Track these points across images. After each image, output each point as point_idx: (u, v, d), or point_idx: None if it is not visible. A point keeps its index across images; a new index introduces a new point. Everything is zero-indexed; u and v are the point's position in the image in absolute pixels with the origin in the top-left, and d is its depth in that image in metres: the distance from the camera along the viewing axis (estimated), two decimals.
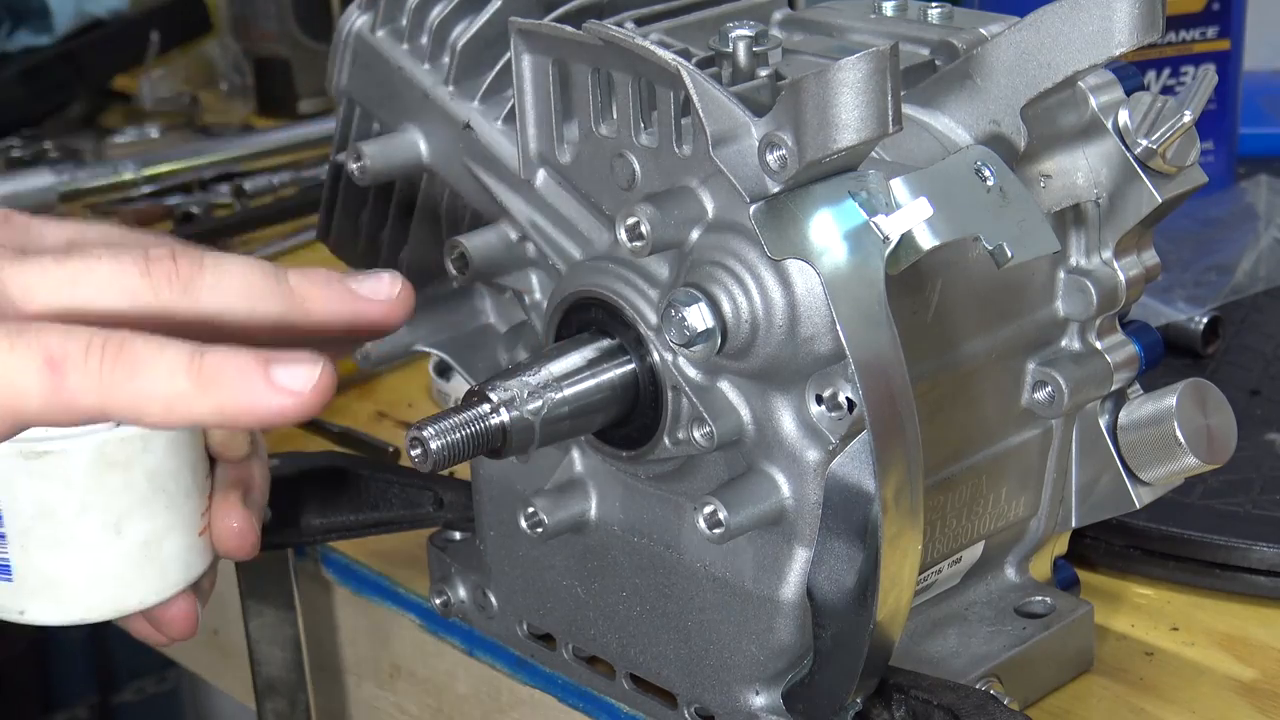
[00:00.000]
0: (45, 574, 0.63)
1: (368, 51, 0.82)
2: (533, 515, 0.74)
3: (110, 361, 0.55)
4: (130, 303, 0.58)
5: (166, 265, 0.58)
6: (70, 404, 0.55)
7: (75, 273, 0.57)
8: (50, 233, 0.62)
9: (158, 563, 0.65)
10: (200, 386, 0.56)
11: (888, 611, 0.64)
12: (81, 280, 0.57)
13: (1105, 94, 0.73)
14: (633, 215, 0.65)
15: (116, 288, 0.58)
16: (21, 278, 0.57)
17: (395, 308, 0.62)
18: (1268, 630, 0.81)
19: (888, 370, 0.62)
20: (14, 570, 0.63)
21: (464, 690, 0.86)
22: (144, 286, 0.58)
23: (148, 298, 0.58)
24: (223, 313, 0.59)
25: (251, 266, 0.60)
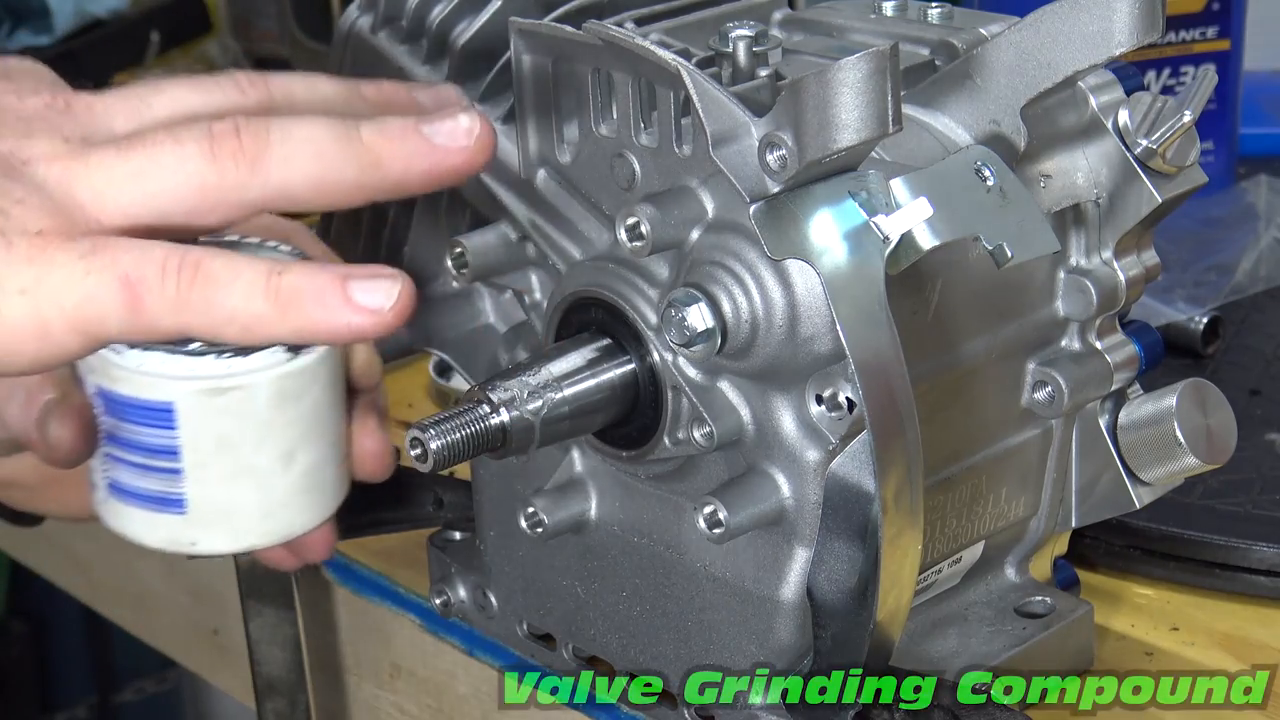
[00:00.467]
0: (220, 506, 0.63)
1: (368, 51, 0.82)
2: (533, 515, 0.74)
3: (186, 283, 0.55)
4: (198, 189, 0.56)
5: (231, 143, 0.56)
6: (149, 326, 0.55)
7: (140, 166, 0.56)
8: (114, 112, 0.59)
9: (319, 489, 0.66)
10: (278, 308, 0.55)
11: (888, 611, 0.64)
12: (147, 173, 0.56)
13: (1105, 94, 0.73)
14: (633, 215, 0.65)
15: (182, 176, 0.56)
16: (88, 178, 0.56)
17: (476, 153, 0.59)
18: (1268, 630, 0.81)
19: (888, 370, 0.62)
20: (188, 503, 0.63)
21: (464, 690, 0.86)
22: (210, 170, 0.56)
23: (215, 180, 0.56)
24: (293, 185, 0.57)
25: (321, 130, 0.58)
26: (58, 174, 0.56)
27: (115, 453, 0.62)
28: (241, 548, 0.65)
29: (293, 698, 0.92)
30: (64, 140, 0.57)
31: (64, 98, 0.59)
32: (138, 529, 0.64)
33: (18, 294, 0.54)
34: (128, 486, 0.63)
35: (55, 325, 0.54)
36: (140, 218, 0.56)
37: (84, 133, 0.58)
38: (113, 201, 0.56)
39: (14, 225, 0.54)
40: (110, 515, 0.64)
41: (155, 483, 0.63)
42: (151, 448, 0.62)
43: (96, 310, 0.54)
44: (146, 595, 1.12)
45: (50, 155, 0.56)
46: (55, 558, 1.22)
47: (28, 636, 2.00)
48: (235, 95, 0.60)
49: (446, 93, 0.64)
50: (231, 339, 0.56)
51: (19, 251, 0.54)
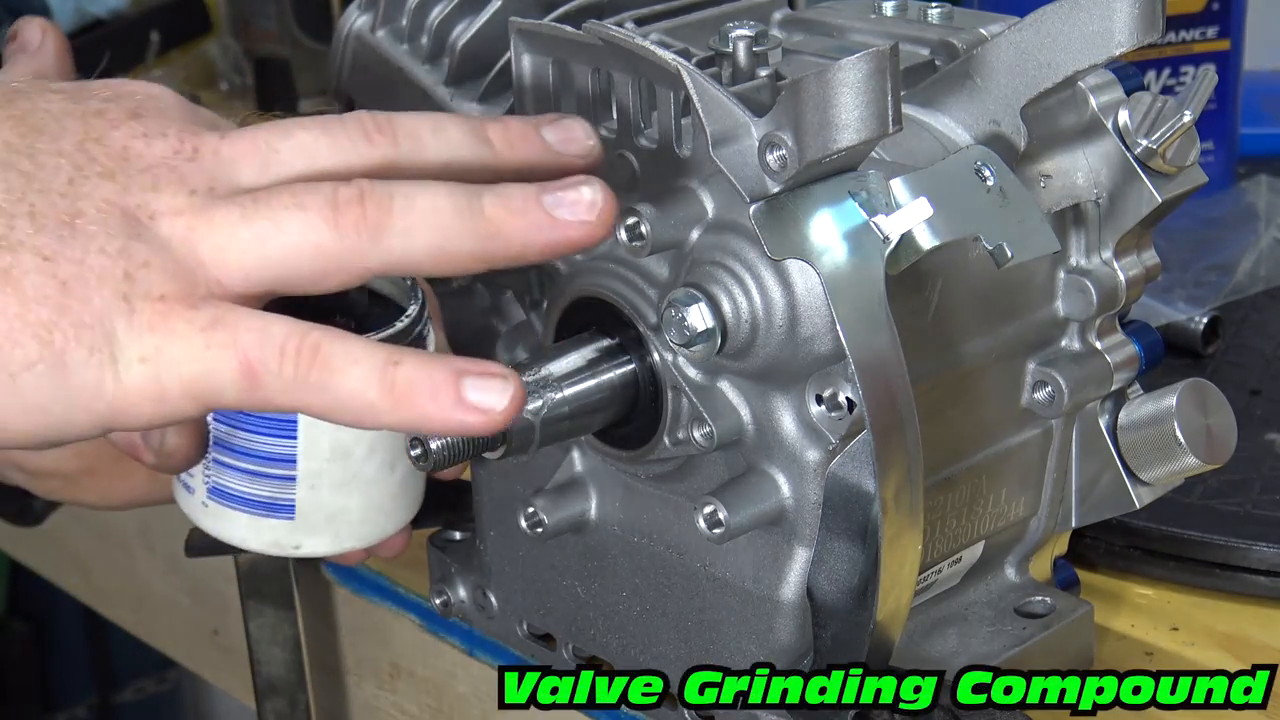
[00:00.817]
0: (329, 511, 0.65)
1: (368, 51, 0.82)
2: (533, 515, 0.74)
3: (305, 367, 0.55)
4: (318, 255, 0.56)
5: (354, 212, 0.56)
6: (264, 402, 0.55)
7: (262, 230, 0.56)
8: (241, 162, 0.58)
9: (409, 494, 0.68)
10: (392, 400, 0.55)
11: (888, 611, 0.64)
12: (269, 238, 0.56)
13: (1105, 94, 0.73)
14: (633, 215, 0.65)
15: (303, 242, 0.56)
16: (211, 238, 0.55)
17: (597, 227, 0.59)
18: (1268, 630, 0.81)
19: (888, 370, 0.62)
20: (298, 509, 0.65)
21: (464, 690, 0.86)
22: (331, 238, 0.56)
23: (335, 248, 0.56)
24: (413, 254, 0.57)
25: (444, 200, 0.57)
26: (182, 232, 0.55)
27: (225, 459, 0.64)
28: (341, 550, 0.67)
29: (293, 698, 0.92)
30: (189, 193, 0.56)
31: (191, 143, 0.57)
32: (241, 533, 0.65)
33: (138, 361, 0.54)
34: (235, 492, 0.64)
35: (172, 392, 0.54)
36: (260, 280, 0.56)
37: (210, 183, 0.57)
38: (234, 263, 0.56)
39: (138, 290, 0.54)
40: (209, 518, 0.65)
41: (267, 489, 0.64)
42: (268, 456, 0.63)
43: (213, 383, 0.55)
44: (146, 595, 1.12)
45: (175, 211, 0.56)
46: (55, 558, 1.22)
47: (28, 636, 2.01)
48: (363, 145, 0.59)
49: (572, 127, 0.63)
50: (342, 423, 0.56)
51: (141, 318, 0.54)
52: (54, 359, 0.53)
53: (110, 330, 0.54)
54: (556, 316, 0.71)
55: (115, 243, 0.54)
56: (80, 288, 0.54)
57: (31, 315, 0.53)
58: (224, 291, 0.56)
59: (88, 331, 0.53)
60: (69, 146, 0.56)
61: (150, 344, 0.54)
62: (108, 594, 1.19)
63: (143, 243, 0.55)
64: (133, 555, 1.11)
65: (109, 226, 0.55)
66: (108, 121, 0.57)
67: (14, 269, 0.53)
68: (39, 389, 0.53)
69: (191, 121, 0.59)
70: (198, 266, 0.55)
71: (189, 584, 1.07)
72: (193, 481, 0.65)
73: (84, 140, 0.56)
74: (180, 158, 0.57)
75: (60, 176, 0.55)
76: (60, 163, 0.55)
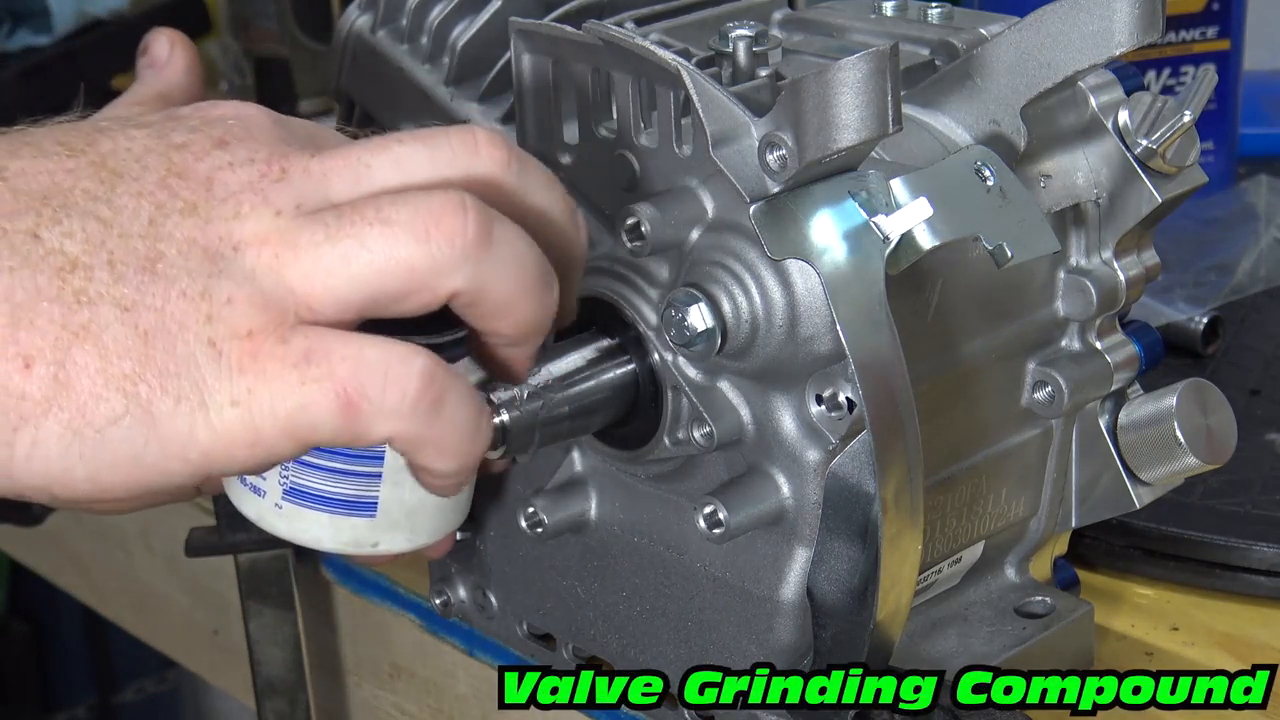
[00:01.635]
0: (408, 508, 0.65)
1: (368, 51, 0.82)
2: (533, 515, 0.74)
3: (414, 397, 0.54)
4: (406, 275, 0.54)
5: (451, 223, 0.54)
6: (361, 434, 0.54)
7: (348, 249, 0.54)
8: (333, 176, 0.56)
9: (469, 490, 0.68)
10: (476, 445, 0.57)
11: (888, 611, 0.64)
12: (354, 258, 0.54)
13: (1105, 94, 0.73)
14: (633, 215, 0.65)
15: (390, 260, 0.54)
16: (298, 264, 0.53)
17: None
18: (1268, 630, 0.81)
19: (888, 370, 0.62)
20: (380, 507, 0.64)
21: (464, 690, 0.86)
22: (420, 254, 0.54)
23: (425, 264, 0.54)
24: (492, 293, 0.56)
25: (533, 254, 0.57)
26: (268, 260, 0.54)
27: (308, 459, 0.63)
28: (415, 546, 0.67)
29: (293, 698, 0.93)
30: (275, 214, 0.54)
31: (280, 164, 0.56)
32: (319, 532, 0.65)
33: (230, 405, 0.53)
34: (315, 491, 0.64)
35: (267, 434, 0.53)
36: (351, 303, 0.54)
37: (298, 200, 0.55)
38: (323, 286, 0.54)
39: (223, 330, 0.53)
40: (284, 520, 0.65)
41: (351, 487, 0.64)
42: (355, 454, 0.63)
43: (310, 418, 0.53)
44: (146, 595, 1.12)
45: (261, 238, 0.54)
46: (55, 558, 1.22)
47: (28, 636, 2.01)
48: (466, 157, 0.57)
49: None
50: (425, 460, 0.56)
51: (230, 360, 0.52)
52: (140, 411, 0.52)
53: (197, 376, 0.52)
54: None
55: (197, 284, 0.53)
56: (163, 336, 0.52)
57: (114, 369, 0.52)
58: (314, 316, 0.54)
59: (173, 380, 0.52)
60: (150, 185, 0.54)
61: (241, 386, 0.53)
62: (108, 594, 1.18)
63: (226, 279, 0.53)
64: (133, 555, 1.11)
65: (190, 267, 0.53)
66: (192, 154, 0.55)
67: (93, 323, 0.52)
68: (128, 441, 0.52)
69: (283, 141, 0.57)
70: (286, 294, 0.54)
71: (189, 584, 1.06)
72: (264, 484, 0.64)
73: (166, 176, 0.55)
74: (267, 180, 0.55)
75: (140, 218, 0.53)
76: (141, 204, 0.54)
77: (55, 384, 0.51)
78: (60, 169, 0.54)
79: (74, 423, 0.52)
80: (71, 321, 0.52)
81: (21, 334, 0.51)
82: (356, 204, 0.55)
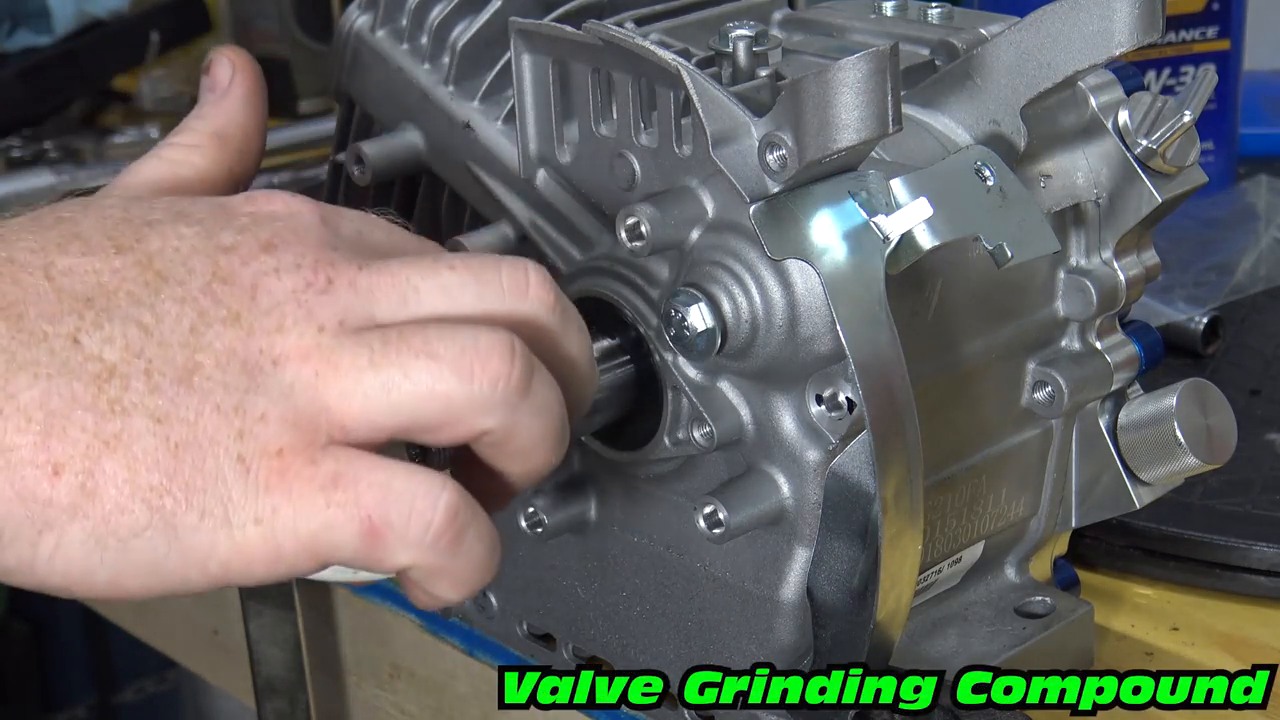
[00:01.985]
0: None
1: (368, 51, 0.82)
2: (533, 515, 0.74)
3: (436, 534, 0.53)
4: (444, 410, 0.54)
5: (498, 367, 0.54)
6: (381, 560, 0.54)
7: (389, 380, 0.53)
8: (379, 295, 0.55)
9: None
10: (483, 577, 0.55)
11: (888, 611, 0.64)
12: (395, 387, 0.53)
13: (1105, 94, 0.73)
14: (633, 215, 0.65)
15: (431, 394, 0.54)
16: (337, 384, 0.53)
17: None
18: (1268, 630, 0.81)
19: (888, 370, 0.62)
20: None
21: (464, 690, 0.86)
22: (461, 392, 0.54)
23: (463, 401, 0.54)
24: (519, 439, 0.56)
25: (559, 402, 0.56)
26: (307, 377, 0.53)
27: None
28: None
29: (293, 698, 0.93)
30: (318, 330, 0.54)
31: (326, 273, 0.55)
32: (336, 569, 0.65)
33: (253, 523, 0.52)
34: None
35: (288, 552, 0.53)
36: (385, 428, 0.54)
37: (341, 316, 0.54)
38: (359, 409, 0.53)
39: (253, 448, 0.52)
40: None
41: None
42: None
43: (332, 540, 0.53)
44: None
45: (302, 354, 0.53)
46: None
47: (28, 636, 2.01)
48: (514, 298, 0.57)
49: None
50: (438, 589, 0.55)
51: (257, 478, 0.52)
52: (164, 524, 0.52)
53: (224, 493, 0.52)
54: None
55: (232, 399, 0.52)
56: (193, 450, 0.52)
57: (142, 480, 0.51)
58: (347, 437, 0.54)
59: (199, 495, 0.52)
60: (195, 290, 0.54)
61: (267, 505, 0.52)
62: None
63: (261, 395, 0.53)
64: None
65: (228, 381, 0.53)
66: (239, 258, 0.55)
67: (125, 433, 0.52)
68: (150, 550, 0.52)
69: (330, 246, 0.56)
70: (321, 412, 0.53)
71: None
72: None
73: (211, 281, 0.54)
74: (312, 290, 0.54)
75: (182, 326, 0.53)
76: (184, 310, 0.53)
77: (82, 493, 0.51)
78: (107, 268, 0.54)
79: (98, 531, 0.52)
80: (104, 431, 0.52)
81: (53, 442, 0.51)
82: (404, 331, 0.54)
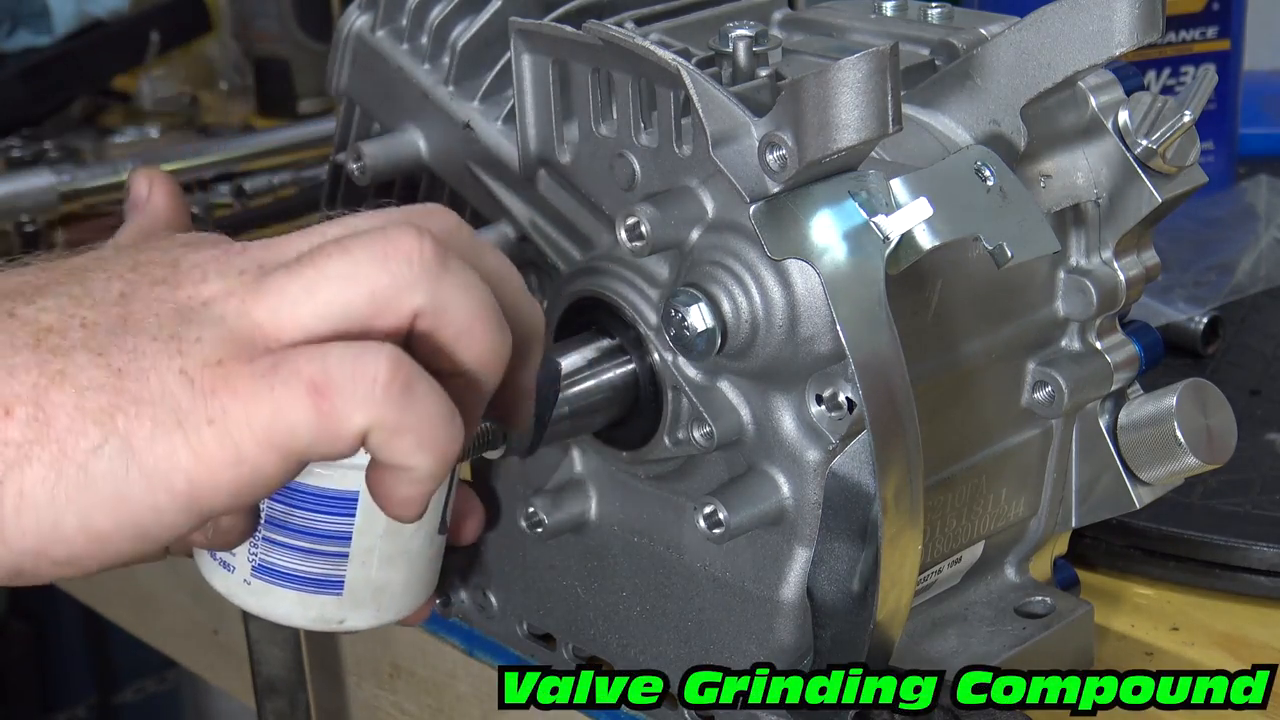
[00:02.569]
0: (376, 586, 0.66)
1: (368, 51, 0.82)
2: (533, 515, 0.74)
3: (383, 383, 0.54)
4: (370, 299, 0.56)
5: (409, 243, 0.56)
6: (338, 431, 0.54)
7: (310, 282, 0.55)
8: (290, 244, 0.59)
9: (440, 561, 0.69)
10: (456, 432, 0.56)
11: (888, 611, 0.64)
12: (318, 288, 0.55)
13: (1105, 94, 0.73)
14: (633, 215, 0.65)
15: (353, 286, 0.56)
16: (263, 303, 0.55)
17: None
18: (1268, 630, 0.81)
19: (888, 370, 0.62)
20: (346, 585, 0.66)
21: (464, 690, 0.86)
22: (382, 277, 0.56)
23: (386, 288, 0.56)
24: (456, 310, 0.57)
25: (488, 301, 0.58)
26: (234, 307, 0.55)
27: (276, 537, 0.64)
28: (383, 622, 0.68)
29: (293, 698, 0.93)
30: (239, 274, 0.56)
31: (240, 246, 0.58)
32: (286, 609, 0.66)
33: (206, 424, 0.53)
34: (284, 569, 0.65)
35: (248, 449, 0.54)
36: (317, 331, 0.55)
37: (260, 263, 0.57)
38: (288, 318, 0.55)
39: (194, 362, 0.54)
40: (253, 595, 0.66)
41: (318, 566, 0.65)
42: (323, 534, 0.64)
43: (286, 423, 0.54)
44: (146, 595, 1.12)
45: (226, 292, 0.56)
46: None
47: (28, 636, 2.01)
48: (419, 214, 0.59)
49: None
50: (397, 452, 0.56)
51: (202, 385, 0.54)
52: (119, 440, 0.53)
53: (172, 403, 0.53)
54: (556, 316, 0.71)
55: (167, 330, 0.54)
56: (135, 373, 0.54)
57: (90, 403, 0.53)
58: (282, 346, 0.55)
59: (148, 407, 0.53)
60: (121, 270, 0.57)
61: (216, 406, 0.53)
62: (108, 594, 1.19)
63: (194, 325, 0.55)
64: None
65: (161, 319, 0.55)
66: (158, 250, 0.58)
67: (68, 368, 0.53)
68: (111, 475, 0.53)
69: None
70: (253, 328, 0.55)
71: (189, 584, 1.06)
72: (234, 560, 0.65)
73: (134, 266, 0.57)
74: (230, 253, 0.58)
75: (112, 291, 0.56)
76: (111, 282, 0.56)
77: (34, 424, 0.53)
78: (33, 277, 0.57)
79: (56, 461, 0.53)
80: (48, 369, 0.53)
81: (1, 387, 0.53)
82: (318, 248, 0.57)
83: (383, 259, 0.56)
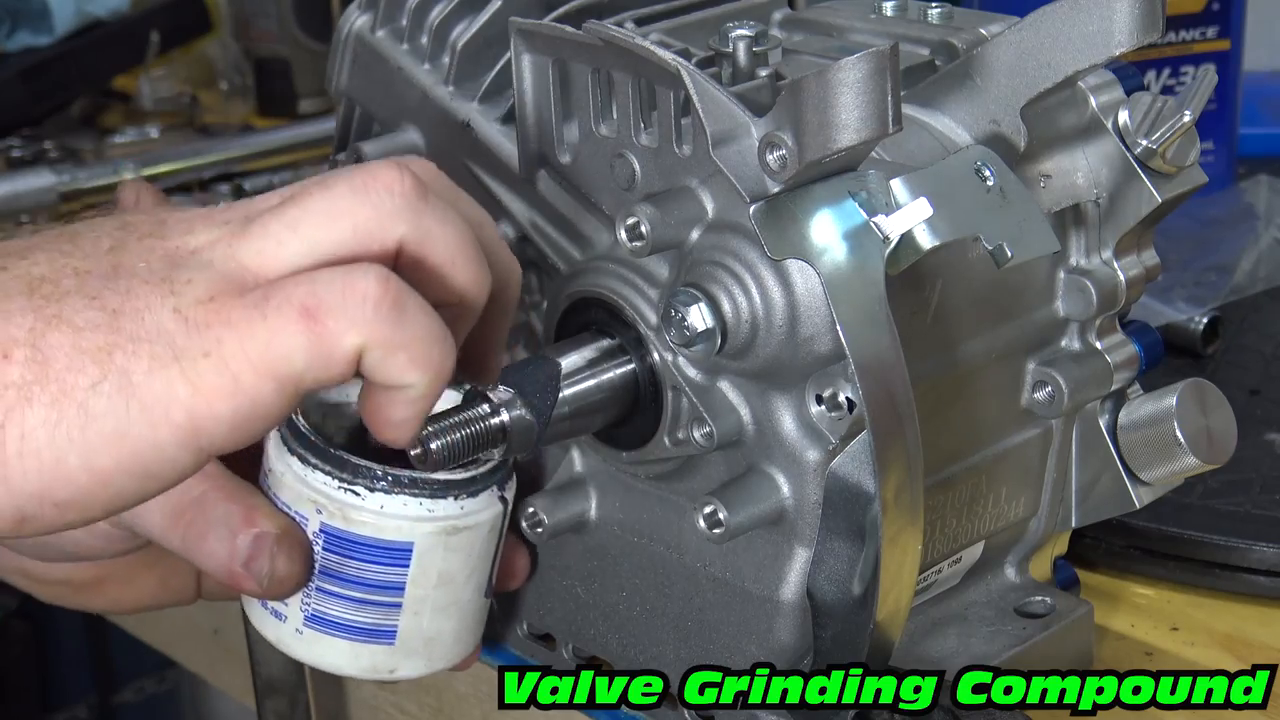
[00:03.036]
0: (427, 636, 0.67)
1: (368, 51, 0.82)
2: (533, 515, 0.74)
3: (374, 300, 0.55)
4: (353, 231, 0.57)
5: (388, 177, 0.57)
6: (332, 353, 0.55)
7: (293, 219, 0.57)
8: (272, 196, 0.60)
9: (486, 612, 0.70)
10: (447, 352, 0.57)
11: (888, 611, 0.64)
12: (301, 223, 0.57)
13: (1105, 94, 0.73)
14: (633, 215, 0.65)
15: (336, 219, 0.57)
16: (249, 244, 0.57)
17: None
18: (1268, 630, 0.81)
19: (888, 370, 0.62)
20: (399, 635, 0.66)
21: (464, 690, 0.86)
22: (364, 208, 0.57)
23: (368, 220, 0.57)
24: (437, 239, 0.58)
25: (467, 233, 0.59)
26: (221, 251, 0.57)
27: (330, 587, 0.65)
28: (433, 670, 0.68)
29: (293, 698, 0.92)
30: (223, 224, 0.58)
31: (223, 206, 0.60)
32: (338, 659, 0.66)
33: (202, 357, 0.54)
34: (336, 619, 0.65)
35: (245, 378, 0.54)
36: (303, 266, 0.56)
37: (244, 214, 0.58)
38: (273, 256, 0.56)
39: (186, 300, 0.55)
40: (303, 644, 0.66)
41: (371, 616, 0.65)
42: (377, 584, 0.65)
43: (281, 349, 0.54)
44: None
45: (212, 241, 0.57)
46: None
47: (28, 636, 2.00)
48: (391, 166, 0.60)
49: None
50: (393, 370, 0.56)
51: (196, 320, 0.55)
52: (117, 375, 0.54)
53: (168, 339, 0.54)
54: (556, 316, 0.71)
55: (158, 274, 0.56)
56: (130, 313, 0.55)
57: (86, 342, 0.54)
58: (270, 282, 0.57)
59: (145, 344, 0.54)
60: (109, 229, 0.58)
61: (211, 338, 0.54)
62: None
63: (184, 268, 0.56)
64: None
65: (152, 265, 0.56)
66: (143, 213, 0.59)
67: (63, 311, 0.54)
68: (111, 411, 0.53)
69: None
70: (241, 269, 0.56)
71: None
72: (285, 609, 0.66)
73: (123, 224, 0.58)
74: (215, 210, 0.59)
75: (101, 246, 0.57)
76: (100, 239, 0.57)
77: (33, 365, 0.53)
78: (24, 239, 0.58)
79: (56, 401, 0.53)
80: (44, 313, 0.54)
81: None
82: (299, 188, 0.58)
83: (364, 191, 0.57)
